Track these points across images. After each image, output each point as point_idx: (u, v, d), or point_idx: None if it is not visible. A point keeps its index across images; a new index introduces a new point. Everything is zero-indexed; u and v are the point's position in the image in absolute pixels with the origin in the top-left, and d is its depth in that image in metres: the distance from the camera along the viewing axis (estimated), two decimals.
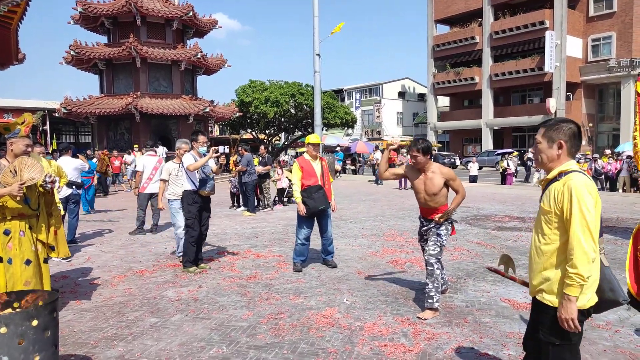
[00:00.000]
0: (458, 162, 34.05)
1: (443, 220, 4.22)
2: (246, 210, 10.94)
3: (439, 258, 4.18)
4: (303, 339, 3.64)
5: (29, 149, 3.93)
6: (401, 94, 53.46)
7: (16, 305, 2.82)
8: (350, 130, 42.02)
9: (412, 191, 4.48)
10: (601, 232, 2.17)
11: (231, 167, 15.09)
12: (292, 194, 6.36)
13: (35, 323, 2.48)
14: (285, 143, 38.39)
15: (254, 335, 3.74)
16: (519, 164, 21.17)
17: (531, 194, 14.23)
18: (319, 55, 18.08)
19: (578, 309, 2.06)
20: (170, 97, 22.57)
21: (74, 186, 7.62)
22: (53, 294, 2.89)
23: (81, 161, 8.63)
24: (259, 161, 11.67)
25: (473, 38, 37.19)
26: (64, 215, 6.98)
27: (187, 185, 5.73)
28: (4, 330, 2.40)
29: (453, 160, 33.06)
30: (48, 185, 4.04)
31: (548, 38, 31.87)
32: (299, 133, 35.94)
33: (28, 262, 3.69)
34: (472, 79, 37.72)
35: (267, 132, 35.50)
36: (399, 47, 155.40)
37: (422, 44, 54.75)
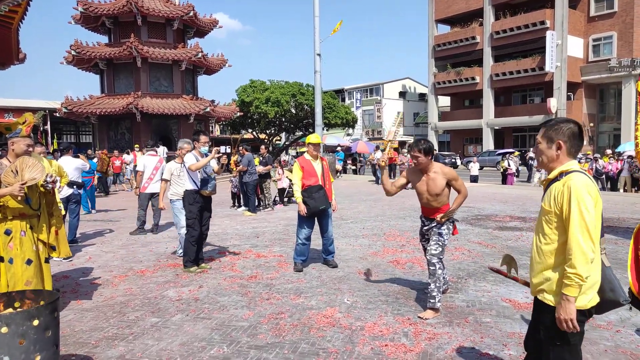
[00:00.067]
0: (459, 162, 33.99)
1: (445, 220, 4.22)
2: (247, 210, 10.94)
3: (441, 258, 4.17)
4: (304, 339, 3.64)
5: (30, 149, 3.93)
6: (402, 94, 53.42)
7: (17, 305, 2.83)
8: (350, 130, 42.07)
9: (413, 191, 4.47)
10: (602, 233, 2.16)
11: (232, 167, 15.09)
12: (293, 193, 6.36)
13: (36, 323, 2.49)
14: (286, 143, 38.40)
15: (255, 335, 3.74)
16: (521, 163, 21.15)
17: (532, 193, 14.23)
18: (319, 55, 18.06)
19: (579, 310, 2.06)
20: (171, 97, 22.58)
21: (74, 186, 7.63)
22: (54, 293, 2.90)
23: (82, 161, 8.64)
24: (259, 161, 11.67)
25: (474, 38, 37.18)
26: (64, 215, 6.99)
27: (189, 185, 5.73)
28: (5, 330, 2.41)
29: (454, 160, 32.99)
30: (49, 185, 4.05)
31: (549, 38, 31.87)
32: (299, 133, 35.94)
33: (29, 262, 3.70)
34: (473, 78, 37.71)
35: (268, 132, 35.51)
36: (399, 47, 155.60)
37: (423, 44, 54.83)
